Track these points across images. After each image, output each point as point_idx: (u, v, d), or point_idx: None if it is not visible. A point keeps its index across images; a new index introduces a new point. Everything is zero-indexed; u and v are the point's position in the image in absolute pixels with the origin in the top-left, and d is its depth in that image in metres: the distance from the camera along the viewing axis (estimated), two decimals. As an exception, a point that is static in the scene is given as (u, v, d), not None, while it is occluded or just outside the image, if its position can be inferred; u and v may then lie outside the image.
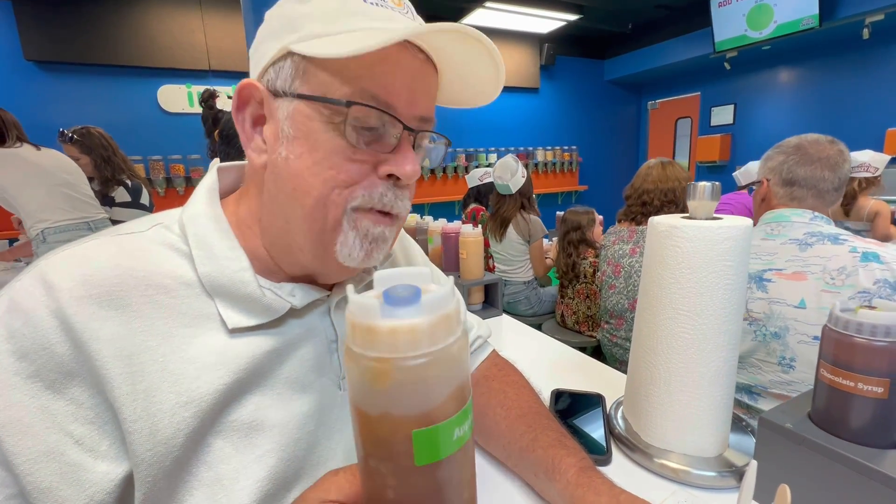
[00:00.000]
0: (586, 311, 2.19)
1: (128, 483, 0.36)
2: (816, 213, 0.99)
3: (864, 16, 3.60)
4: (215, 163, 0.48)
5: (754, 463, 0.36)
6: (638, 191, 1.65)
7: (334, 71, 0.38)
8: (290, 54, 0.39)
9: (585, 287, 2.18)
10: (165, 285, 0.39)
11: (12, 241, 3.06)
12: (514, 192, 2.38)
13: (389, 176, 0.41)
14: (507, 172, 2.36)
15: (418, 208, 4.69)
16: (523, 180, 2.36)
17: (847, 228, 1.02)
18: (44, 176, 1.88)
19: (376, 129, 0.39)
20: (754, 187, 1.13)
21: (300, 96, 0.39)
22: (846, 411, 0.47)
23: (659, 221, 0.60)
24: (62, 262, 0.37)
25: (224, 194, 0.48)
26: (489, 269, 1.47)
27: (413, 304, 0.21)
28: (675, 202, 1.59)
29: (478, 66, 0.42)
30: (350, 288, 0.22)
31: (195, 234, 0.42)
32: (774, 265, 0.97)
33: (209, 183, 0.46)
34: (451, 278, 0.22)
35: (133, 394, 0.36)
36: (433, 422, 0.21)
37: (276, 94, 0.40)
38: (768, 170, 1.08)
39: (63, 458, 0.34)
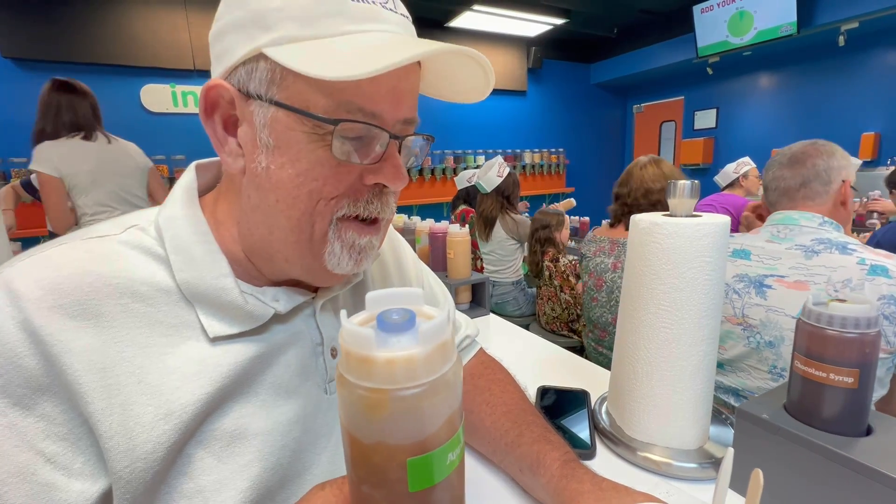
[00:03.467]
0: (551, 311, 2.21)
1: (105, 501, 0.35)
2: (826, 219, 0.95)
3: (839, 24, 3.71)
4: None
5: (731, 450, 0.37)
6: (624, 192, 1.61)
7: (315, 81, 0.35)
8: (264, 56, 0.36)
9: (546, 290, 2.21)
10: (141, 292, 0.37)
11: (26, 240, 2.98)
12: (488, 190, 2.42)
13: (375, 183, 0.40)
14: (483, 171, 2.41)
15: (406, 209, 4.69)
16: (499, 179, 2.40)
17: None
18: (108, 174, 1.85)
19: (361, 139, 0.38)
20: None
21: (278, 104, 0.36)
22: (819, 401, 0.49)
23: (640, 219, 0.61)
24: (28, 268, 0.35)
25: (203, 191, 0.47)
26: (477, 270, 1.48)
27: (408, 331, 0.20)
28: (655, 205, 1.55)
29: (464, 70, 0.41)
30: (343, 313, 0.21)
31: (172, 238, 0.40)
32: (777, 271, 0.94)
33: (186, 182, 0.44)
34: (449, 303, 0.23)
35: (108, 408, 0.34)
36: (428, 449, 0.21)
37: (248, 96, 0.37)
38: None
39: (34, 478, 0.32)
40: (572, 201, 3.25)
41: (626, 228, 1.60)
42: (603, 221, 2.08)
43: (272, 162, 0.38)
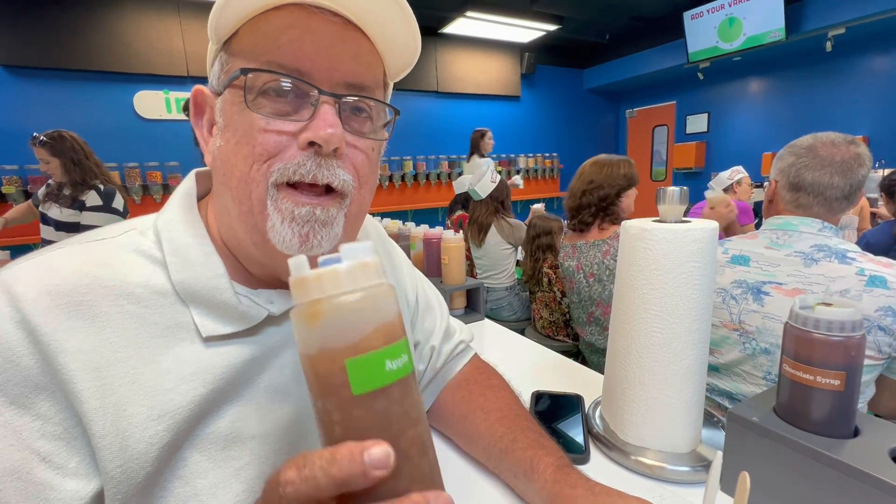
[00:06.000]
0: (549, 316, 2.22)
1: (99, 501, 0.35)
2: (825, 224, 0.93)
3: (826, 29, 3.77)
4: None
5: (719, 454, 0.37)
6: (576, 195, 1.67)
7: (246, 52, 0.38)
8: (218, 51, 0.41)
9: (544, 295, 2.21)
10: (136, 294, 0.38)
11: (15, 248, 2.92)
12: (483, 196, 2.42)
13: (312, 145, 0.38)
14: (476, 178, 2.41)
15: (401, 215, 4.69)
16: (492, 185, 2.40)
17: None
18: None
19: (287, 97, 0.38)
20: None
21: (225, 86, 0.40)
22: (807, 404, 0.50)
23: (630, 225, 0.62)
24: (27, 271, 0.36)
25: (203, 198, 0.48)
26: (471, 277, 1.49)
27: (337, 261, 0.25)
28: (606, 208, 1.63)
29: (394, 24, 0.40)
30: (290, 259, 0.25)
31: (169, 241, 0.41)
32: (775, 278, 0.92)
33: (186, 187, 0.45)
34: (444, 309, 0.25)
35: (102, 408, 0.34)
36: (362, 352, 0.24)
37: (216, 94, 0.41)
38: (778, 171, 0.99)
39: (29, 476, 0.33)
40: (541, 206, 3.26)
41: (581, 231, 1.72)
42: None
43: (222, 140, 0.40)
